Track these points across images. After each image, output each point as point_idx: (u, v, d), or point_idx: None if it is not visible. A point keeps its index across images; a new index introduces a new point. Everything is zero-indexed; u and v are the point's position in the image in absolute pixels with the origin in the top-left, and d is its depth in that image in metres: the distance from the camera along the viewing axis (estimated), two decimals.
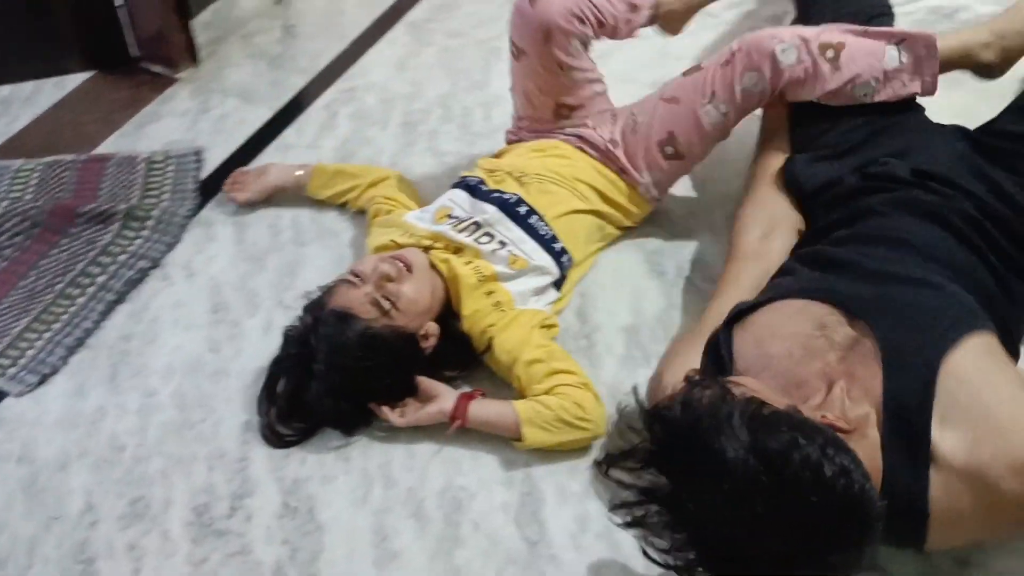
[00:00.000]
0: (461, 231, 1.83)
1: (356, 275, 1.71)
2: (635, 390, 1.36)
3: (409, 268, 1.73)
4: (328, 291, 1.74)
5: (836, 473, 1.09)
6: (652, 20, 2.05)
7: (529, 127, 2.03)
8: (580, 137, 1.98)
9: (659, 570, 1.25)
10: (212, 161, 2.24)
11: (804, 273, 1.57)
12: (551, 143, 1.98)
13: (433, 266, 1.77)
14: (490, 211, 1.85)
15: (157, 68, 2.47)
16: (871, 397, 1.28)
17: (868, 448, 1.22)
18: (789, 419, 1.15)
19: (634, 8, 1.97)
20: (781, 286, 1.54)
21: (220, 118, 2.34)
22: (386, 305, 1.68)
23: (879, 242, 1.54)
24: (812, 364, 1.32)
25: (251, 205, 2.12)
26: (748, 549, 1.12)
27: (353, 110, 2.35)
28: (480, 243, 1.81)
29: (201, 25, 2.43)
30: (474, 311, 1.74)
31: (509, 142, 2.07)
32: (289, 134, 2.29)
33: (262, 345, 1.85)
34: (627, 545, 1.54)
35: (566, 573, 1.52)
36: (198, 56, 2.47)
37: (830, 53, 1.79)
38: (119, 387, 1.82)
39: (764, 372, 1.33)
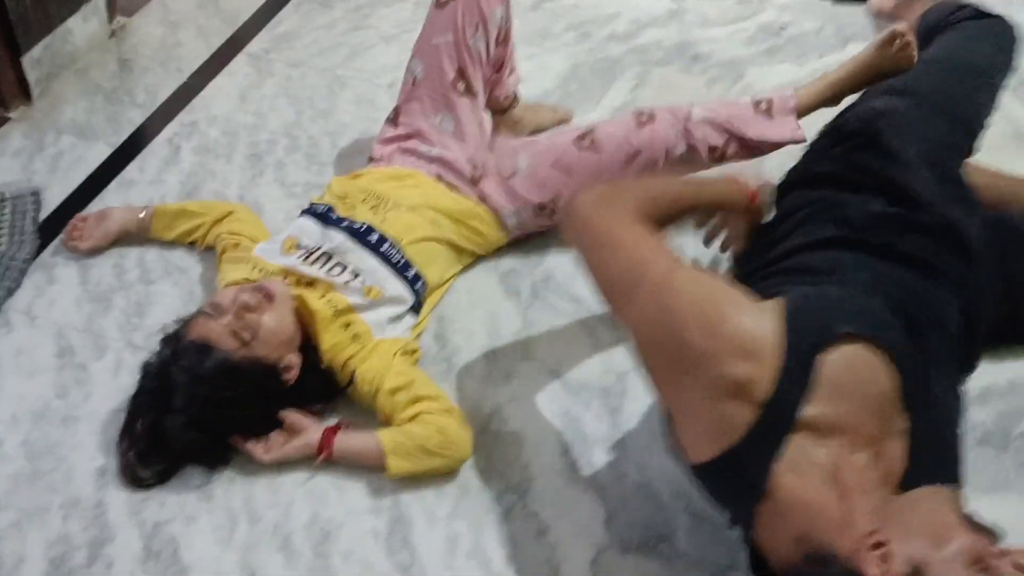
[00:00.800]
0: (312, 263, 1.82)
1: (214, 307, 1.69)
2: None
3: (270, 298, 1.71)
4: (186, 324, 1.70)
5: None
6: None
7: (425, 96, 2.05)
8: (443, 163, 2.00)
9: None
10: (51, 201, 2.16)
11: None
12: (408, 172, 2.00)
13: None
14: (339, 240, 1.85)
15: None
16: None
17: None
18: None
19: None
20: (879, 319, 1.33)
21: (56, 156, 2.26)
22: (246, 336, 1.65)
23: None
24: (868, 427, 1.24)
25: (94, 253, 2.04)
26: None
27: (196, 144, 2.31)
28: (332, 275, 1.80)
29: (32, 61, 2.34)
30: (332, 345, 1.74)
31: (391, 122, 2.10)
32: (131, 170, 2.23)
33: (112, 387, 1.80)
34: (497, 561, 1.58)
35: None
36: (31, 93, 2.37)
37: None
38: None
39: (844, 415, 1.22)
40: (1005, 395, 1.81)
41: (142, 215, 2.06)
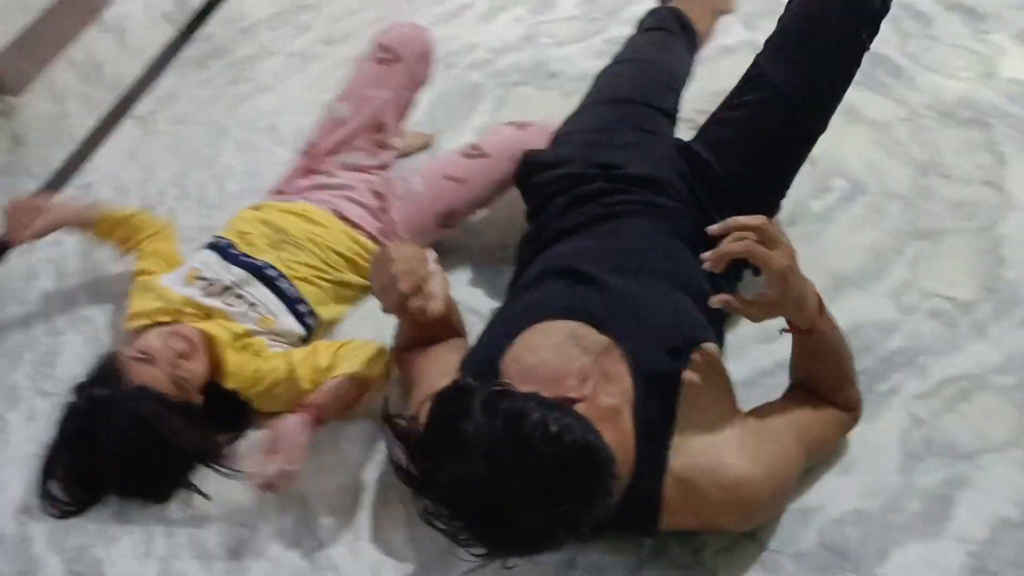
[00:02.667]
0: (210, 295, 1.95)
1: (145, 353, 1.79)
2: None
3: (192, 345, 1.83)
4: (117, 367, 1.79)
5: (561, 428, 1.26)
6: None
7: (347, 137, 2.17)
8: (350, 198, 2.12)
9: None
10: None
11: (554, 289, 1.66)
12: (312, 209, 2.09)
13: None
14: (239, 274, 1.97)
15: None
16: (625, 396, 1.45)
17: (619, 434, 1.38)
18: (522, 396, 1.31)
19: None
20: (534, 306, 1.62)
21: None
22: (184, 383, 1.78)
23: (625, 254, 1.69)
24: (568, 365, 1.44)
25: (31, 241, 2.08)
26: (505, 513, 1.26)
27: (90, 203, 2.44)
28: (229, 305, 1.93)
29: None
30: (238, 364, 1.86)
31: (303, 155, 2.21)
32: None
33: (27, 433, 1.93)
34: (398, 541, 1.72)
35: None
36: None
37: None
38: None
39: (524, 382, 1.39)
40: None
41: (87, 214, 2.10)
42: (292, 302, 1.97)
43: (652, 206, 1.79)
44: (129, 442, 1.71)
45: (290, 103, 2.73)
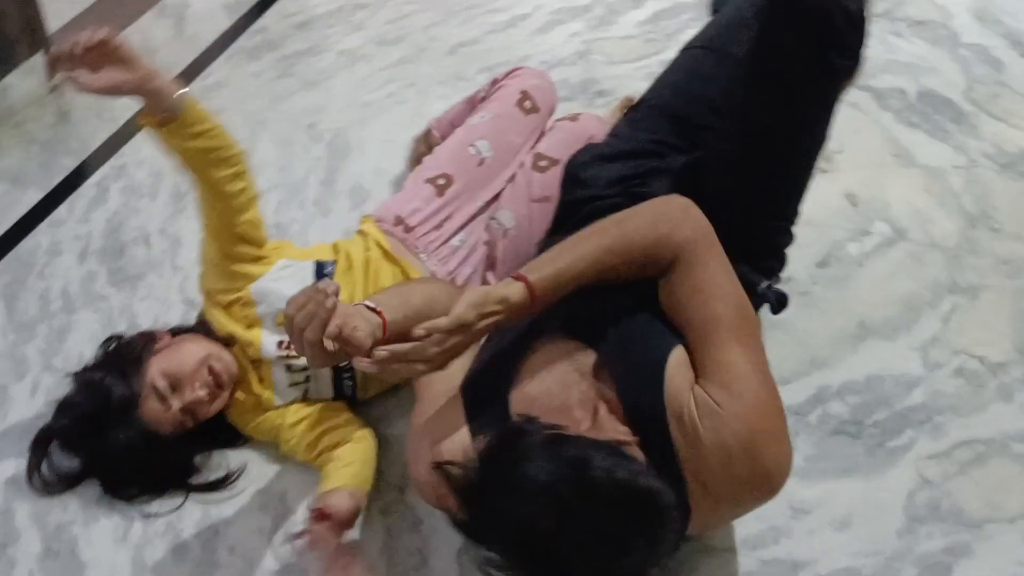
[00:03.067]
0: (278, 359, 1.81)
1: (171, 379, 1.70)
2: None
3: (222, 387, 1.75)
4: (135, 366, 1.71)
5: (628, 474, 1.23)
6: None
7: (481, 178, 2.00)
8: (463, 258, 1.97)
9: None
10: None
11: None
12: (418, 277, 1.90)
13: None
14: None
15: None
16: (620, 415, 1.41)
17: (639, 455, 1.35)
18: (583, 440, 1.27)
19: None
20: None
21: None
22: (189, 423, 1.73)
23: None
24: (571, 394, 1.42)
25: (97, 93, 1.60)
26: (570, 560, 1.22)
27: (124, 184, 2.47)
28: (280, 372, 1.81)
29: None
30: (242, 415, 1.83)
31: (437, 188, 1.98)
32: (60, 212, 2.39)
33: (28, 407, 1.94)
34: (372, 552, 1.69)
35: None
36: None
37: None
38: None
39: (534, 411, 1.39)
40: (861, 390, 1.92)
41: (173, 92, 1.64)
42: (341, 371, 1.84)
43: None
44: (118, 448, 1.69)
45: (332, 102, 2.73)
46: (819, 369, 1.95)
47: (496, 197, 2.02)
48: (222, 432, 1.84)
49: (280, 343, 1.80)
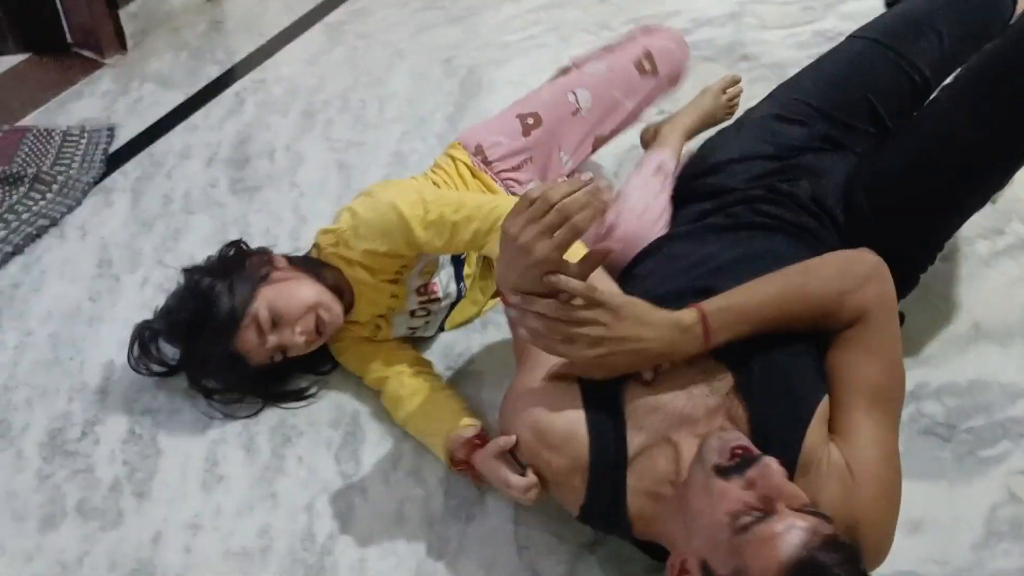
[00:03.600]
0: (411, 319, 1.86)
1: (276, 315, 1.68)
2: None
3: (321, 335, 1.74)
4: (225, 299, 1.67)
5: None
6: None
7: (576, 130, 1.99)
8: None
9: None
10: (122, 137, 2.43)
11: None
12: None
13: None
14: (452, 294, 1.89)
15: (87, 53, 2.67)
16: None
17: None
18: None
19: None
20: None
21: (137, 100, 2.54)
22: (277, 359, 1.73)
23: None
24: (698, 408, 1.37)
25: None
26: None
27: (260, 99, 2.54)
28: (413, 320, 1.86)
29: (129, 16, 2.64)
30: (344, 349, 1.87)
31: (525, 127, 1.96)
32: (197, 117, 2.48)
33: (137, 297, 2.03)
34: (432, 482, 1.71)
35: (374, 501, 1.69)
36: (126, 44, 2.67)
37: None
38: (1, 327, 1.99)
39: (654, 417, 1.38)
40: (962, 393, 1.82)
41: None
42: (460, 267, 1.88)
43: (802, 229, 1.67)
44: (205, 358, 1.73)
45: (472, 39, 2.73)
46: (921, 365, 1.86)
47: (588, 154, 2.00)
48: (312, 359, 1.84)
49: (419, 288, 1.82)
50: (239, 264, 1.75)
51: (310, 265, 1.78)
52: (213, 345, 1.68)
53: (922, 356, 1.88)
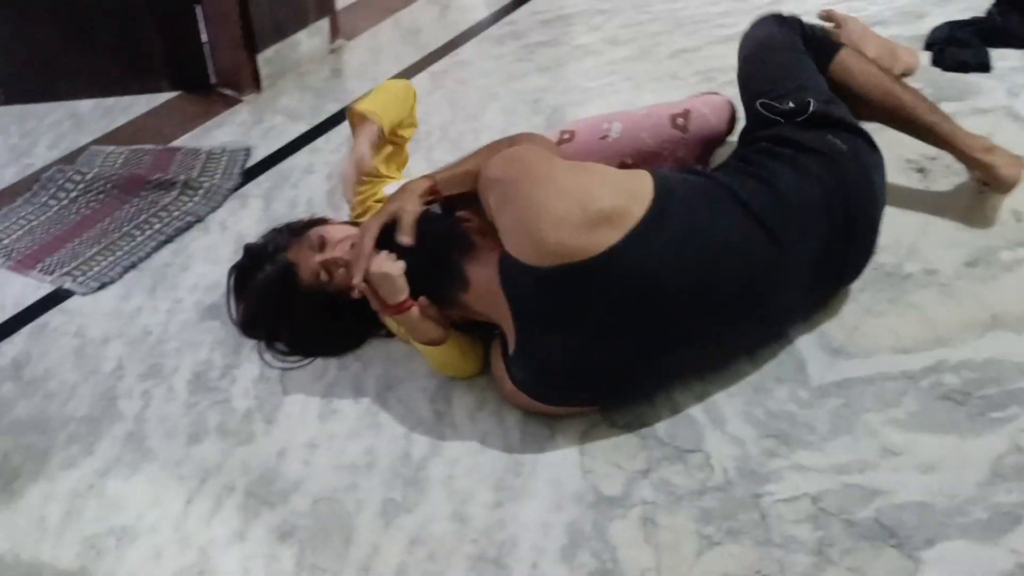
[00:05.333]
0: None
1: (320, 240, 2.11)
2: None
3: None
4: (289, 236, 2.18)
5: None
6: None
7: (597, 154, 2.34)
8: None
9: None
10: (256, 156, 2.87)
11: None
12: None
13: None
14: None
15: (228, 91, 3.15)
16: None
17: None
18: None
19: None
20: None
21: (269, 129, 2.98)
22: (324, 278, 2.10)
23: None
24: None
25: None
26: None
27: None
28: None
29: (265, 60, 3.11)
30: None
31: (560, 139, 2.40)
32: (319, 142, 2.91)
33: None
34: (511, 421, 2.02)
35: (461, 433, 2.01)
36: (261, 84, 3.14)
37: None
38: (156, 295, 2.39)
39: None
40: (978, 368, 2.05)
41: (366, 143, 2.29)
42: None
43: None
44: (263, 281, 2.11)
45: (558, 84, 3.11)
46: (942, 346, 2.09)
47: None
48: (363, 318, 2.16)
49: None
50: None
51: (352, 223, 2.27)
52: (268, 265, 2.10)
53: (943, 339, 2.10)
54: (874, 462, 1.86)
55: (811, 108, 2.09)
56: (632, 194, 1.84)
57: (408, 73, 3.23)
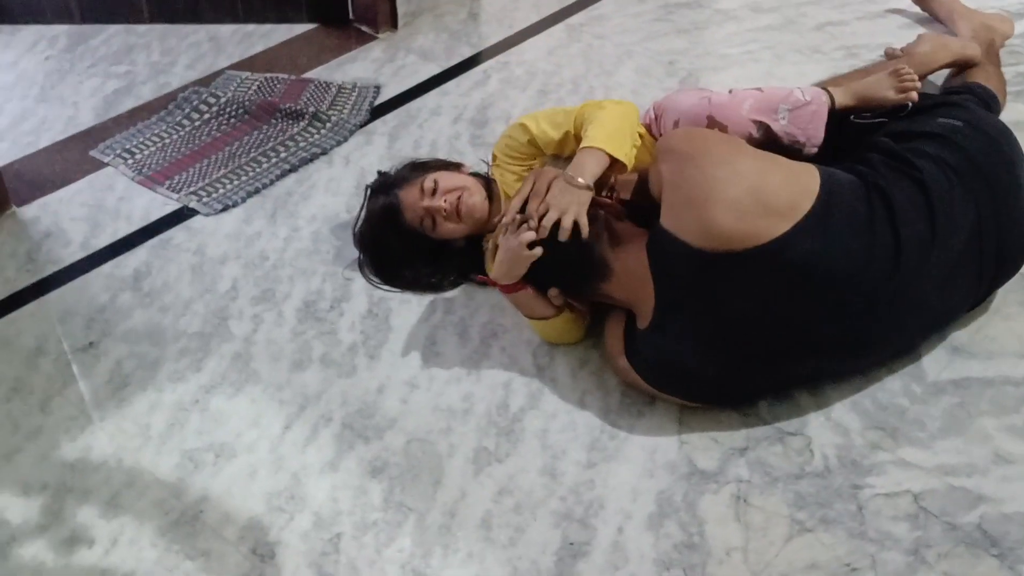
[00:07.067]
0: None
1: (433, 187, 2.13)
2: None
3: (459, 215, 2.13)
4: (415, 172, 2.22)
5: None
6: None
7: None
8: None
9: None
10: (386, 94, 2.88)
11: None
12: None
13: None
14: None
15: (364, 28, 3.16)
16: None
17: None
18: None
19: None
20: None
21: (401, 67, 2.98)
22: (428, 224, 2.14)
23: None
24: None
25: None
26: None
27: (503, 76, 2.92)
28: None
29: (404, 0, 3.12)
30: None
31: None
32: (449, 85, 2.90)
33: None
34: (612, 383, 2.00)
35: (560, 389, 2.00)
36: (397, 23, 3.15)
37: None
38: (275, 222, 2.43)
39: None
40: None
41: None
42: None
43: None
44: (376, 210, 2.19)
45: (695, 48, 3.03)
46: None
47: None
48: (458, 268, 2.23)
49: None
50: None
51: (479, 176, 2.27)
52: (387, 191, 2.17)
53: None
54: (984, 467, 1.78)
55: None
56: (803, 188, 1.80)
57: (546, 24, 3.19)
